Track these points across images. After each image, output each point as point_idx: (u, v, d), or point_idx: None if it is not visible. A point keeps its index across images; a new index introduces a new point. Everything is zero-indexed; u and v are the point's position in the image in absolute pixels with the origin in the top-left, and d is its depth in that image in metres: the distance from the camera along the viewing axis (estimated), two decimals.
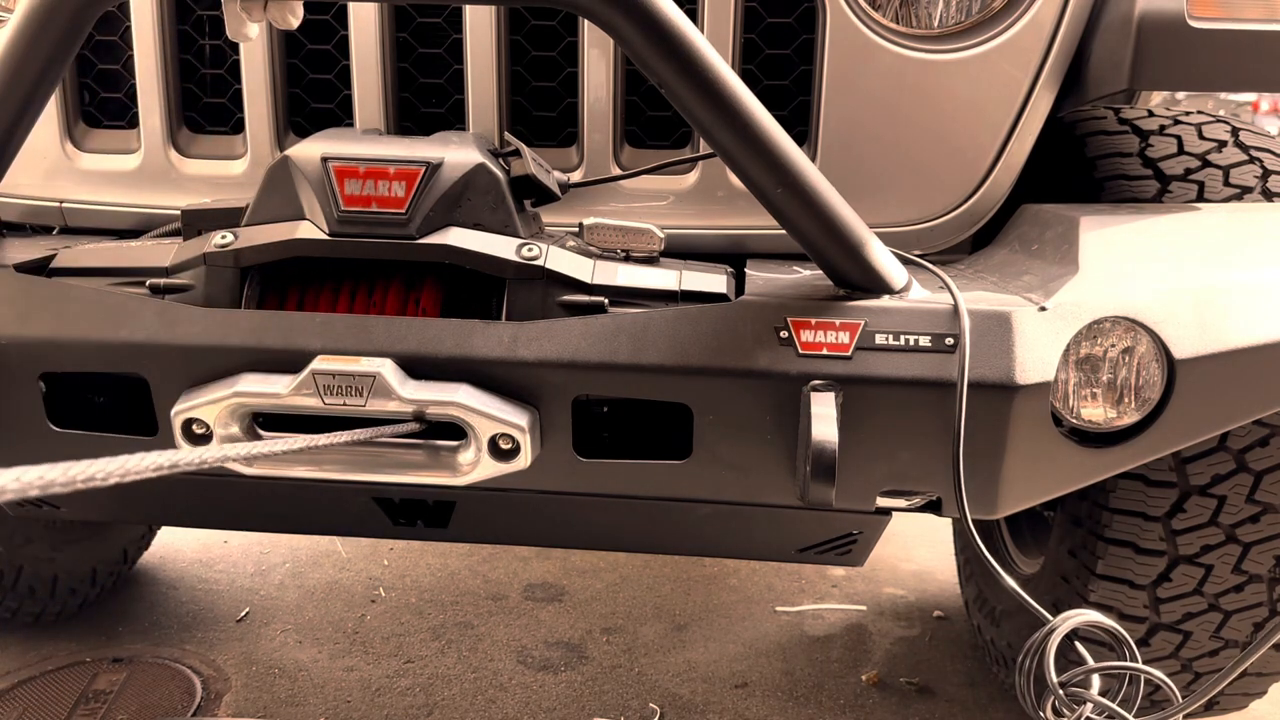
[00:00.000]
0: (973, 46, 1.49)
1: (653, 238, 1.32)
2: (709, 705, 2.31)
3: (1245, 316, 1.24)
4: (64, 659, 2.43)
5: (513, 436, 1.20)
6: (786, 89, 1.56)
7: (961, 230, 1.58)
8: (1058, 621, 1.09)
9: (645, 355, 1.21)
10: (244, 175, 1.60)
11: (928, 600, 2.86)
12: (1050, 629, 1.09)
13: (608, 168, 1.56)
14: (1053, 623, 1.09)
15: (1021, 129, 1.52)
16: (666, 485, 1.31)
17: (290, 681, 2.37)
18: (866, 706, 2.33)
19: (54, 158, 1.65)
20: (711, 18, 1.47)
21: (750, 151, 1.15)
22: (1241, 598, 1.70)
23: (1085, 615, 1.09)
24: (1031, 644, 1.10)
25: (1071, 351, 1.21)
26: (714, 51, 1.12)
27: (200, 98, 1.64)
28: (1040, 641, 1.09)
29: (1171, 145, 1.69)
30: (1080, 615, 1.09)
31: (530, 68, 1.58)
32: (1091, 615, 1.09)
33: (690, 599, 2.82)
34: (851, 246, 1.21)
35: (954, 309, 1.20)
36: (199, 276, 1.29)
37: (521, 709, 2.27)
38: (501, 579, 2.91)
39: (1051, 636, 1.08)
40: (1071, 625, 1.09)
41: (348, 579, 2.87)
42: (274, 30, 1.55)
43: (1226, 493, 1.61)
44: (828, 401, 1.16)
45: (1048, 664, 1.08)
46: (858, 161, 1.52)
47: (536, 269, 1.25)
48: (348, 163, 1.27)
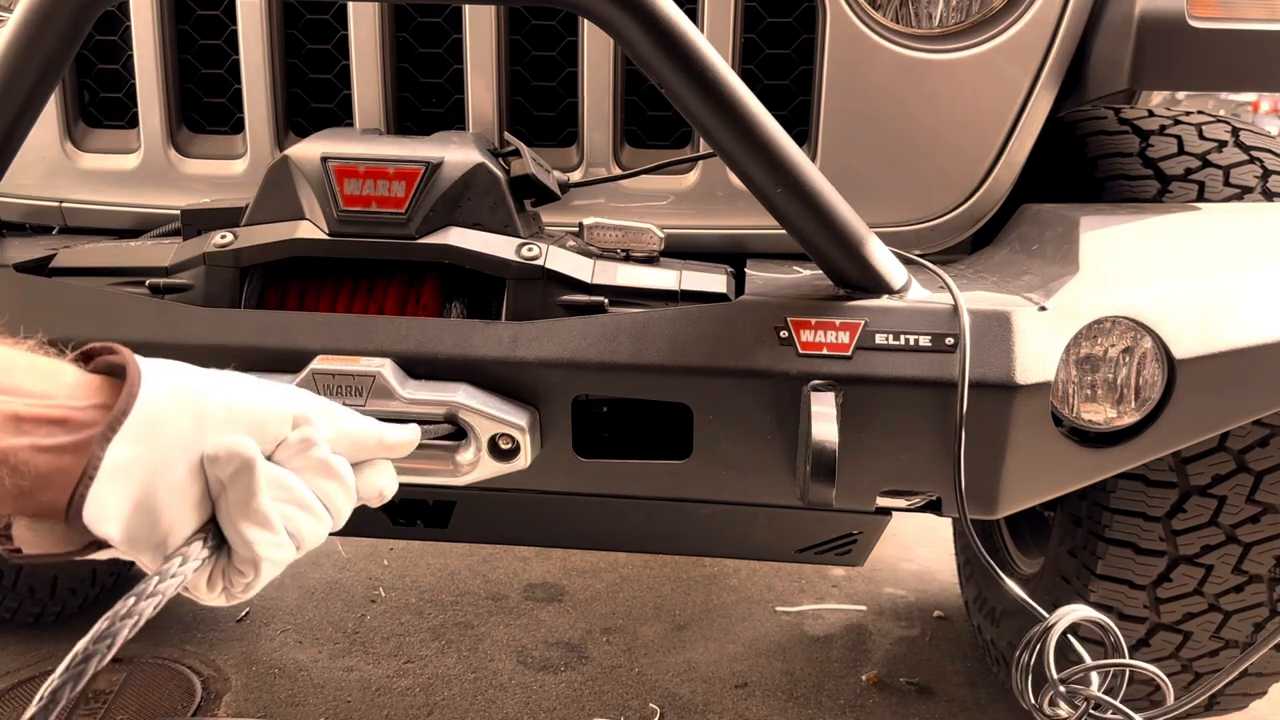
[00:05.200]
0: (973, 46, 1.49)
1: (653, 238, 1.32)
2: (709, 705, 2.31)
3: (1245, 316, 1.23)
4: (64, 659, 2.42)
5: (512, 436, 1.20)
6: (786, 89, 1.56)
7: (962, 230, 1.58)
8: (1057, 616, 1.09)
9: (645, 355, 1.21)
10: (244, 175, 1.60)
11: (928, 600, 2.86)
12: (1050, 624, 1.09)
13: (608, 167, 1.56)
14: (1052, 617, 1.09)
15: (1022, 129, 1.52)
16: (666, 485, 1.31)
17: (290, 681, 2.36)
18: (866, 707, 2.33)
19: (54, 157, 1.64)
20: (711, 17, 1.47)
21: (750, 151, 1.15)
22: (1241, 598, 1.70)
23: (1083, 611, 1.09)
24: (1030, 638, 1.10)
25: (1072, 351, 1.20)
26: (714, 51, 1.12)
27: (200, 97, 1.64)
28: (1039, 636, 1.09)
29: (1172, 145, 1.69)
30: (1079, 611, 1.09)
31: (530, 67, 1.58)
32: (1088, 611, 1.09)
33: (690, 599, 2.82)
34: (851, 246, 1.21)
35: (954, 309, 1.20)
36: (199, 276, 1.29)
37: (521, 709, 2.27)
38: (501, 579, 2.90)
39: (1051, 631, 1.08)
40: (1071, 620, 1.09)
41: (347, 579, 2.87)
42: (274, 30, 1.55)
43: (1227, 493, 1.61)
44: (828, 401, 1.16)
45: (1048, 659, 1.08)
46: (858, 161, 1.52)
47: (536, 269, 1.25)
48: (348, 162, 1.27)
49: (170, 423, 0.71)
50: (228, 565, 0.77)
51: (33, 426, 0.67)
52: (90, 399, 0.70)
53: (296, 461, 0.79)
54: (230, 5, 1.55)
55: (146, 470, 0.69)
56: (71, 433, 0.68)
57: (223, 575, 0.77)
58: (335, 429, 0.82)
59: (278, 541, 0.77)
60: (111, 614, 0.70)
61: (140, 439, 0.69)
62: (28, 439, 0.66)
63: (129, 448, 0.68)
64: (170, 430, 0.71)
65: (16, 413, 0.66)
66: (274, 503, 0.76)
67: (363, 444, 0.86)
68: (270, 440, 0.77)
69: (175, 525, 0.72)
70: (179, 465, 0.71)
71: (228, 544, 0.76)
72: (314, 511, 0.80)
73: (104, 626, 0.69)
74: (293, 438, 0.78)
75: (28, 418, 0.67)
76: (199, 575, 0.75)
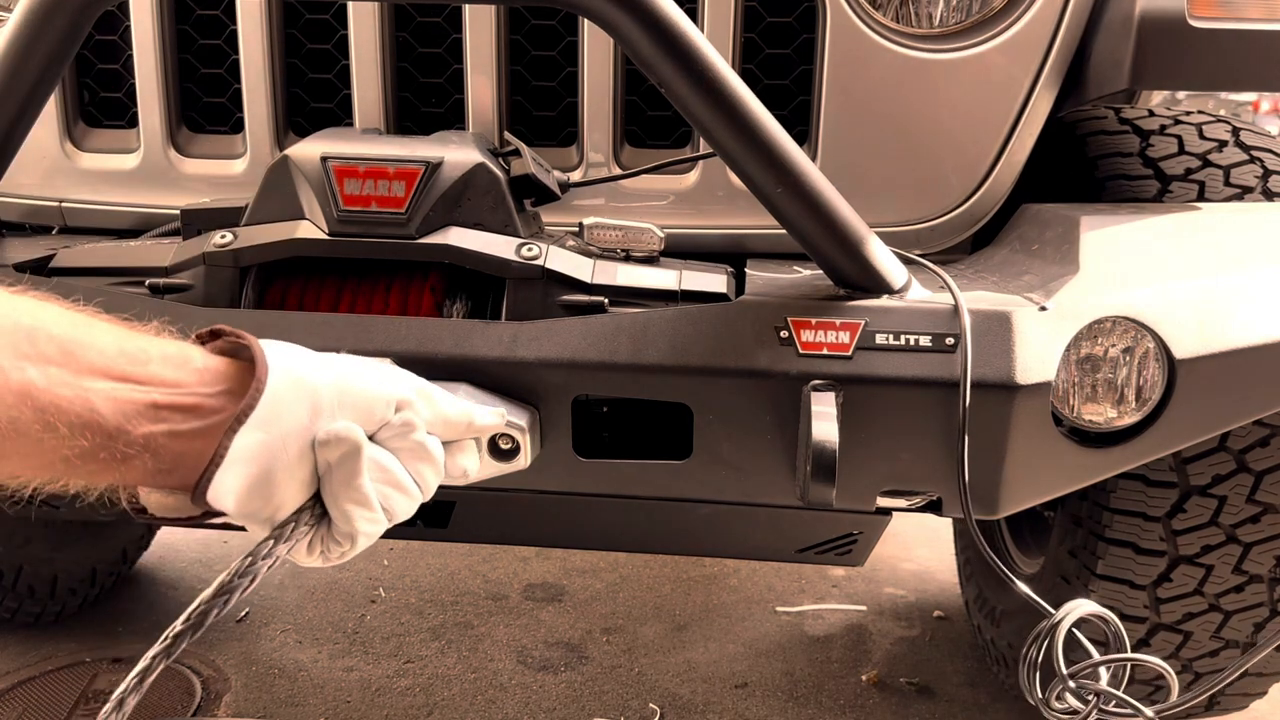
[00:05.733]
0: (973, 46, 1.49)
1: (653, 237, 1.32)
2: (709, 705, 2.30)
3: (1246, 316, 1.23)
4: (64, 659, 2.43)
5: (512, 436, 1.20)
6: (787, 88, 1.56)
7: (962, 230, 1.58)
8: (1065, 611, 1.09)
9: (645, 355, 1.21)
10: (243, 175, 1.60)
11: (928, 600, 2.86)
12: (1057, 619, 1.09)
13: (608, 167, 1.56)
14: (1059, 612, 1.09)
15: (1022, 129, 1.52)
16: (666, 485, 1.30)
17: (290, 682, 2.36)
18: (867, 707, 2.33)
19: (54, 157, 1.64)
20: (712, 17, 1.47)
21: (750, 151, 1.15)
22: (1242, 598, 1.70)
23: (1090, 606, 1.10)
24: (1038, 633, 1.10)
25: (1072, 351, 1.20)
26: (714, 51, 1.12)
27: (200, 97, 1.64)
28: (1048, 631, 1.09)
29: (1172, 145, 1.69)
30: (1085, 605, 1.10)
31: (530, 67, 1.58)
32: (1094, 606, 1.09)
33: (690, 599, 2.82)
34: (852, 246, 1.21)
35: (954, 309, 1.20)
36: (198, 276, 1.29)
37: (521, 709, 2.27)
38: (501, 579, 2.90)
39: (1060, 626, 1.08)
40: (1079, 615, 1.09)
41: (347, 579, 2.87)
42: (274, 30, 1.55)
43: (1227, 493, 1.61)
44: (828, 401, 1.16)
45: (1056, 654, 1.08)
46: (858, 161, 1.52)
47: (536, 269, 1.25)
48: (347, 162, 1.27)
49: (289, 411, 0.78)
50: (326, 535, 0.85)
51: (169, 413, 0.75)
52: (218, 385, 0.78)
53: (396, 443, 0.86)
54: (230, 5, 1.55)
55: (265, 454, 0.77)
56: (202, 418, 0.76)
57: (321, 542, 0.85)
58: (433, 412, 0.90)
59: (374, 518, 0.85)
60: (231, 570, 0.80)
61: (262, 427, 0.77)
62: (165, 425, 0.74)
63: (251, 435, 0.76)
64: (288, 417, 0.78)
65: (155, 401, 0.74)
66: (374, 484, 0.84)
67: (455, 426, 0.94)
68: (375, 423, 0.85)
69: (285, 501, 0.81)
70: (293, 448, 0.79)
71: (329, 517, 0.84)
72: (408, 491, 0.88)
73: (224, 580, 0.80)
74: (395, 420, 0.86)
75: (165, 405, 0.75)
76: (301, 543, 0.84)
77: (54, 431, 0.69)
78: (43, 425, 0.69)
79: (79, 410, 0.70)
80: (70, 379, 0.70)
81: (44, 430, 0.69)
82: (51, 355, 0.70)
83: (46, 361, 0.70)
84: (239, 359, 0.82)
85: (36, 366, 0.69)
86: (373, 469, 0.84)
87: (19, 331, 0.69)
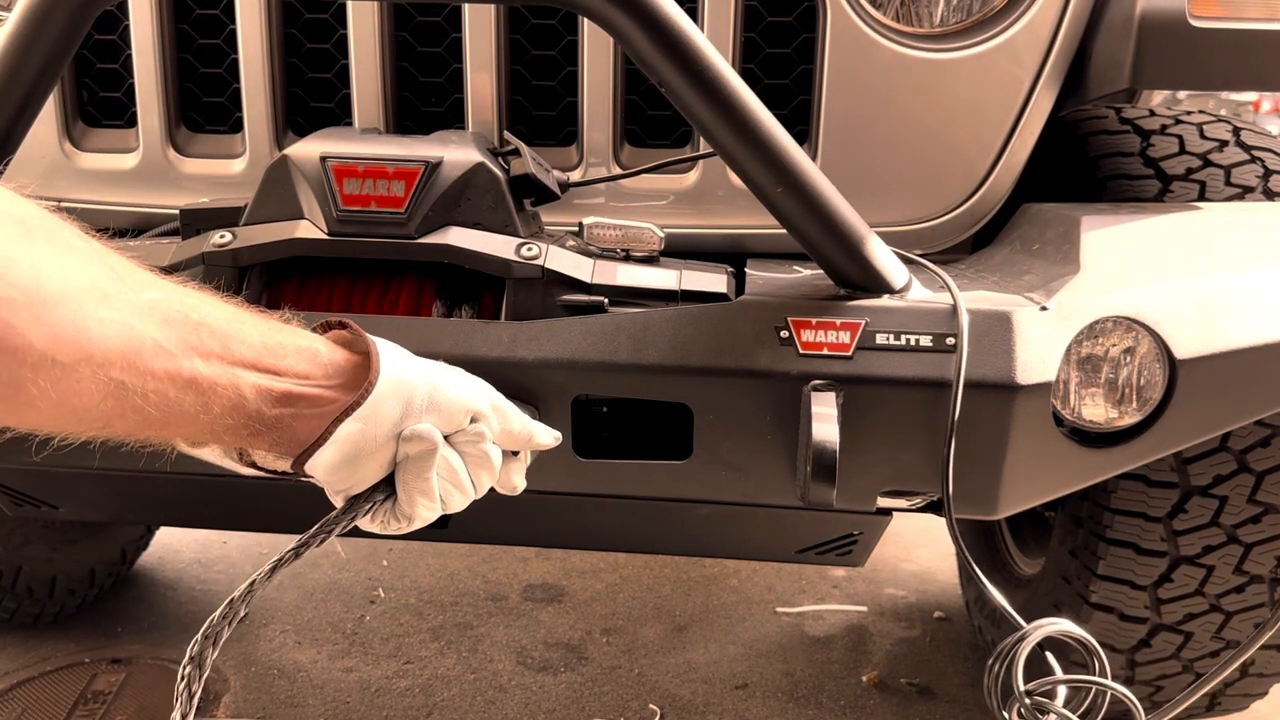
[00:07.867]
0: (973, 46, 1.49)
1: (653, 237, 1.32)
2: (709, 706, 2.30)
3: (1247, 316, 1.23)
4: (63, 659, 2.43)
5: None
6: (787, 88, 1.56)
7: (962, 230, 1.57)
8: (1032, 628, 1.09)
9: (645, 355, 1.20)
10: (243, 174, 1.60)
11: (928, 601, 2.86)
12: (1021, 635, 1.09)
13: (608, 167, 1.56)
14: (1025, 630, 1.09)
15: (1022, 128, 1.52)
16: (666, 485, 1.30)
17: (289, 682, 2.36)
18: (867, 707, 2.32)
19: (52, 157, 1.64)
20: (712, 16, 1.47)
21: (751, 151, 1.15)
22: (1243, 598, 1.69)
23: (1058, 624, 1.09)
24: (1002, 649, 1.10)
25: (1073, 351, 1.20)
26: (714, 50, 1.12)
27: (199, 97, 1.63)
28: (1011, 647, 1.09)
29: (1173, 145, 1.69)
30: (1053, 624, 1.09)
31: (530, 66, 1.58)
32: (1065, 625, 1.09)
33: (690, 599, 2.82)
34: (852, 246, 1.21)
35: (954, 308, 1.20)
36: (197, 276, 1.29)
37: (521, 710, 2.27)
38: (501, 579, 2.90)
39: (1023, 644, 1.09)
40: (1044, 634, 1.08)
41: (347, 579, 2.87)
42: (273, 29, 1.55)
43: (1228, 493, 1.61)
44: (828, 401, 1.16)
45: (1016, 671, 1.08)
46: (858, 161, 1.51)
47: (536, 269, 1.25)
48: (347, 162, 1.27)
49: (386, 407, 0.92)
50: (389, 511, 0.99)
51: (298, 400, 0.89)
52: (337, 378, 0.92)
53: (465, 448, 0.99)
54: (229, 4, 1.54)
55: (359, 441, 0.91)
56: (320, 408, 0.90)
57: (383, 516, 0.99)
58: (501, 426, 1.02)
59: (432, 506, 0.98)
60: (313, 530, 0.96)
61: (362, 419, 0.91)
62: (292, 409, 0.89)
63: (353, 425, 0.90)
64: (385, 414, 0.92)
65: (289, 391, 0.89)
66: (440, 479, 0.97)
67: (517, 440, 1.06)
68: (452, 427, 0.98)
69: (364, 478, 0.95)
70: (381, 437, 0.93)
71: (396, 497, 0.97)
72: (465, 490, 1.01)
73: (305, 538, 0.96)
74: (470, 429, 0.99)
75: (296, 395, 0.89)
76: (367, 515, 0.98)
77: (209, 411, 0.84)
78: (201, 406, 0.83)
79: (230, 396, 0.84)
80: (225, 370, 0.84)
81: (201, 410, 0.83)
82: (213, 349, 0.84)
83: (209, 354, 0.83)
84: (354, 351, 0.96)
85: (202, 358, 0.83)
86: (442, 466, 0.97)
87: (188, 325, 0.83)
